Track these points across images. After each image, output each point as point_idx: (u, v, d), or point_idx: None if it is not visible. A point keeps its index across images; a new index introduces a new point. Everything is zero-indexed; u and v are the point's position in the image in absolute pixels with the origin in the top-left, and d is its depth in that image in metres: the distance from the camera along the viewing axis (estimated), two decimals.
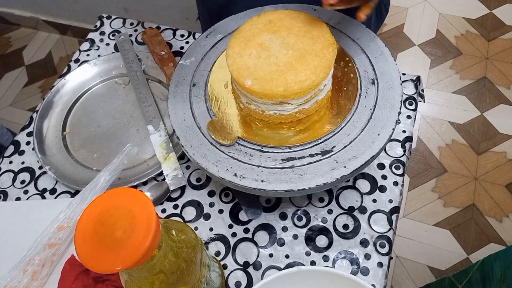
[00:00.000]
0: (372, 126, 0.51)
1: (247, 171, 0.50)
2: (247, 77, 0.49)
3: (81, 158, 0.68)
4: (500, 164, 1.48)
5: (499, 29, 1.81)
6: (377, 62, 0.56)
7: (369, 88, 0.54)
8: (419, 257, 1.33)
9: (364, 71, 0.56)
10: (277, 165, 0.50)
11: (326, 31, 0.51)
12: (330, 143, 0.51)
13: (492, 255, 0.73)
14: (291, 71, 0.49)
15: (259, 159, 0.51)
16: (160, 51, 0.75)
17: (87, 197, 0.58)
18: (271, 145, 0.52)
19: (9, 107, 1.81)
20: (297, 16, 0.53)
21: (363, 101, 0.53)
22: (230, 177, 0.50)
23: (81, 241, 0.32)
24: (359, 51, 0.58)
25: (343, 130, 0.52)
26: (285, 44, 0.51)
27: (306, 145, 0.51)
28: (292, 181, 0.49)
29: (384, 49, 0.57)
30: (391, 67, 0.55)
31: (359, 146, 0.50)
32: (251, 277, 0.56)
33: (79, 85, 0.76)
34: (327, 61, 0.49)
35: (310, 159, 0.50)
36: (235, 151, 0.52)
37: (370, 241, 0.57)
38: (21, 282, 0.54)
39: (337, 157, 0.50)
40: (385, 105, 0.52)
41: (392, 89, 0.53)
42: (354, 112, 0.53)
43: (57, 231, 0.57)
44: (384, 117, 0.52)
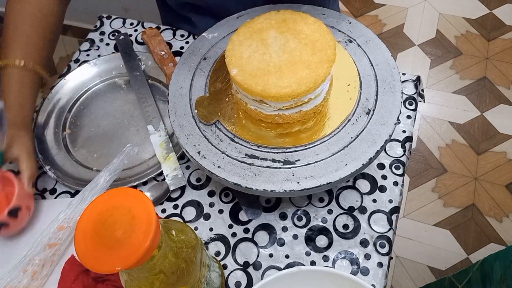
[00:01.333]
0: (344, 155, 0.50)
1: (211, 153, 0.52)
2: (235, 66, 0.50)
3: (81, 158, 0.68)
4: (500, 164, 1.48)
5: (499, 29, 1.81)
6: (383, 94, 0.54)
7: (362, 117, 0.53)
8: (419, 257, 1.33)
9: (366, 99, 0.54)
10: (239, 157, 0.51)
11: (331, 47, 0.50)
12: (296, 156, 0.51)
13: (492, 255, 0.73)
14: (276, 74, 0.48)
15: (226, 146, 0.53)
16: (160, 51, 0.75)
17: (87, 197, 0.58)
18: (242, 137, 0.53)
19: None
20: (312, 23, 0.52)
21: (348, 128, 0.52)
22: (194, 153, 0.52)
23: (81, 241, 0.32)
24: (371, 78, 0.56)
25: (314, 148, 0.51)
26: (285, 47, 0.50)
27: (273, 149, 0.52)
28: (244, 177, 0.50)
29: (397, 83, 0.54)
30: (394, 103, 0.53)
31: (321, 169, 0.49)
32: (251, 277, 0.56)
33: (79, 85, 0.76)
34: (316, 76, 0.48)
35: (270, 163, 0.51)
36: (209, 132, 0.54)
37: (370, 241, 0.57)
38: (21, 282, 0.54)
39: (295, 171, 0.50)
40: (368, 139, 0.51)
41: (384, 125, 0.51)
42: (334, 135, 0.52)
43: (57, 231, 0.57)
44: (360, 150, 0.50)
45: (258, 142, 0.53)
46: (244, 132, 0.54)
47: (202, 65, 0.60)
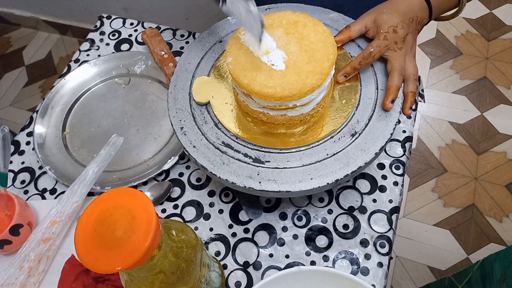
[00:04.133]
0: (312, 169, 0.49)
1: (192, 132, 0.53)
2: (232, 55, 0.50)
3: (81, 158, 0.68)
4: (500, 164, 1.48)
5: (499, 29, 1.81)
6: (376, 120, 0.52)
7: (345, 137, 0.51)
8: (419, 257, 1.33)
9: (357, 121, 0.52)
10: (215, 143, 0.52)
11: (329, 60, 0.49)
12: (267, 157, 0.51)
13: (492, 255, 0.73)
14: (266, 72, 0.48)
15: (208, 130, 0.54)
16: (160, 51, 0.75)
17: (77, 190, 0.59)
18: (225, 125, 0.54)
19: (9, 107, 1.81)
20: (321, 32, 0.51)
21: (328, 144, 0.51)
22: (177, 127, 0.54)
23: (81, 241, 0.32)
24: (371, 101, 0.53)
25: (287, 154, 0.51)
26: (284, 49, 0.50)
27: (249, 144, 0.52)
28: (213, 163, 0.51)
29: (395, 113, 0.52)
30: (383, 133, 0.50)
31: (286, 176, 0.49)
32: (251, 277, 0.56)
33: (79, 85, 0.76)
34: (303, 84, 0.47)
35: (242, 157, 0.51)
36: (198, 111, 0.55)
37: (370, 241, 0.57)
38: (18, 279, 0.54)
39: (261, 171, 0.50)
40: (342, 160, 0.49)
41: (363, 151, 0.50)
42: (311, 147, 0.51)
43: (50, 225, 0.57)
44: (330, 169, 0.49)
45: (238, 134, 0.53)
46: (230, 121, 0.54)
47: (216, 47, 0.60)
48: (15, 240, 0.56)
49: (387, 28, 0.53)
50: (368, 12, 0.56)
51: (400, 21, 0.54)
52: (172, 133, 0.69)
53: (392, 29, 0.53)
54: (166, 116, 0.70)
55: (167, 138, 0.68)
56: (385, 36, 0.53)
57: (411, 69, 0.55)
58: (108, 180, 0.64)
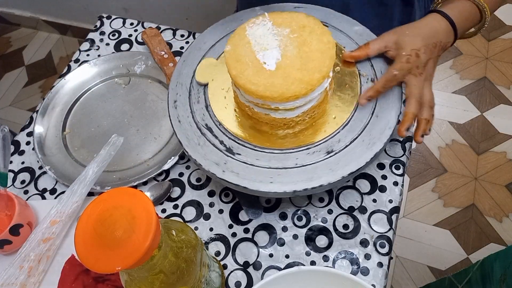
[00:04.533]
0: (275, 173, 0.50)
1: (182, 107, 0.56)
2: (231, 44, 0.51)
3: (81, 158, 0.68)
4: (500, 164, 1.48)
5: (499, 29, 1.81)
6: (357, 146, 0.51)
7: (320, 152, 0.51)
8: (419, 257, 1.33)
9: (338, 140, 0.51)
10: (199, 123, 0.54)
11: (321, 72, 0.47)
12: (240, 150, 0.52)
13: (492, 255, 0.73)
14: (255, 69, 0.48)
15: (197, 110, 0.56)
16: (160, 51, 0.75)
17: (77, 190, 0.59)
18: (213, 110, 0.55)
19: (9, 107, 1.81)
20: (325, 43, 0.49)
21: (301, 155, 0.51)
22: (171, 100, 0.57)
23: (81, 241, 0.32)
24: (360, 124, 0.52)
25: (258, 152, 0.51)
26: (283, 50, 0.49)
27: (228, 134, 0.53)
28: (189, 142, 0.53)
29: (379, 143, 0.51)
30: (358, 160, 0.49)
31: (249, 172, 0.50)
32: (251, 277, 0.56)
33: (79, 85, 0.76)
34: (285, 90, 0.46)
35: (218, 144, 0.53)
36: (195, 90, 0.57)
37: (370, 241, 0.57)
38: (18, 279, 0.54)
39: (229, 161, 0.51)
40: (306, 175, 0.49)
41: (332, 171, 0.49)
42: (284, 152, 0.51)
43: (50, 225, 0.57)
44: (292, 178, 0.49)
45: (221, 121, 0.54)
46: (219, 107, 0.56)
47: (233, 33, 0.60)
48: (15, 240, 0.56)
49: (409, 51, 0.52)
50: (390, 32, 0.55)
51: (423, 45, 0.52)
52: (172, 133, 0.69)
53: (415, 52, 0.52)
54: (166, 116, 0.70)
55: (167, 138, 0.68)
56: (407, 59, 0.52)
57: (428, 96, 0.53)
58: (108, 180, 0.64)
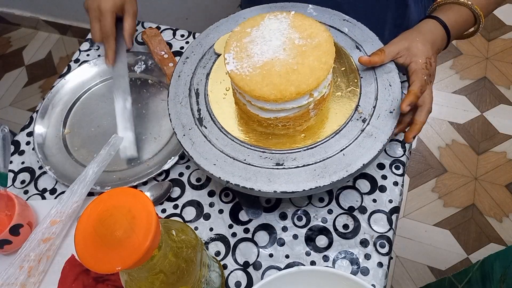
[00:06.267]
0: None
1: (180, 90, 0.57)
2: (233, 37, 0.51)
3: (81, 158, 0.68)
4: (500, 164, 1.48)
5: (499, 29, 1.81)
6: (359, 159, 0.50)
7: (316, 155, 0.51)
8: (419, 257, 1.33)
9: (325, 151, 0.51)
10: (195, 110, 0.56)
11: (318, 78, 0.47)
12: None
13: (492, 255, 0.73)
14: (243, 56, 0.49)
15: (197, 91, 0.58)
16: (160, 51, 0.75)
17: (77, 190, 0.59)
18: (208, 94, 0.57)
19: (9, 107, 1.81)
20: (323, 63, 0.48)
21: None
22: (175, 76, 0.58)
23: (81, 241, 0.32)
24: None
25: (251, 151, 0.52)
26: (280, 50, 0.49)
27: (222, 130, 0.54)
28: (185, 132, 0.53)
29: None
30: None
31: (239, 170, 0.50)
32: (251, 277, 0.56)
33: (79, 85, 0.76)
34: (277, 92, 0.47)
35: (214, 140, 0.53)
36: (199, 74, 0.59)
37: (370, 241, 0.57)
38: (18, 279, 0.54)
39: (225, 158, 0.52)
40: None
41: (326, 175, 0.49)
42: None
43: (50, 225, 0.57)
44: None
45: (214, 108, 0.55)
46: (219, 96, 0.57)
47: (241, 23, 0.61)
48: (15, 240, 0.56)
49: (425, 59, 0.53)
50: (401, 38, 0.56)
51: (433, 53, 0.54)
52: (172, 133, 0.68)
53: (429, 61, 0.53)
54: (166, 116, 0.70)
55: (167, 138, 0.68)
56: (426, 67, 0.53)
57: (429, 100, 0.54)
58: (108, 180, 0.64)
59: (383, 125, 0.52)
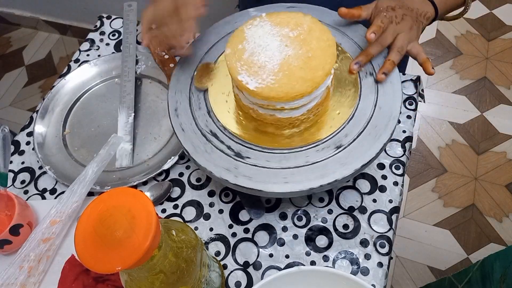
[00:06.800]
0: (289, 173, 0.49)
1: (185, 115, 0.55)
2: (231, 46, 0.50)
3: (81, 158, 0.68)
4: (500, 164, 1.48)
5: (499, 29, 1.81)
6: (364, 138, 0.51)
7: (330, 148, 0.51)
8: (419, 257, 1.33)
9: (345, 135, 0.51)
10: (203, 130, 0.54)
11: (324, 69, 0.48)
12: (249, 153, 0.52)
13: (492, 255, 0.73)
14: (257, 69, 0.48)
15: (200, 116, 0.55)
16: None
17: (76, 189, 0.59)
18: (216, 115, 0.55)
19: (9, 107, 1.81)
20: (325, 40, 0.49)
21: (311, 152, 0.51)
22: (172, 108, 0.56)
23: (81, 241, 0.32)
24: (365, 117, 0.53)
25: (268, 154, 0.51)
26: (283, 50, 0.49)
27: (234, 138, 0.53)
28: (196, 149, 0.52)
29: (386, 134, 0.51)
30: (368, 152, 0.50)
31: (261, 175, 0.50)
32: (251, 277, 0.56)
33: (79, 85, 0.76)
34: (289, 89, 0.47)
35: (225, 149, 0.52)
36: (195, 96, 0.57)
37: (370, 241, 0.57)
38: (17, 279, 0.54)
39: (239, 165, 0.51)
40: (319, 171, 0.49)
41: (343, 166, 0.49)
42: (292, 151, 0.51)
43: (50, 225, 0.57)
44: (304, 177, 0.49)
45: (226, 125, 0.54)
46: (221, 111, 0.55)
47: (229, 37, 0.60)
48: (15, 240, 0.56)
49: (386, 6, 0.57)
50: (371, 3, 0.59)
51: (397, 3, 0.57)
52: (172, 133, 0.69)
53: (390, 7, 0.56)
54: (166, 116, 0.70)
55: (167, 138, 0.68)
56: (385, 14, 0.56)
57: (400, 41, 0.56)
58: (108, 180, 0.64)
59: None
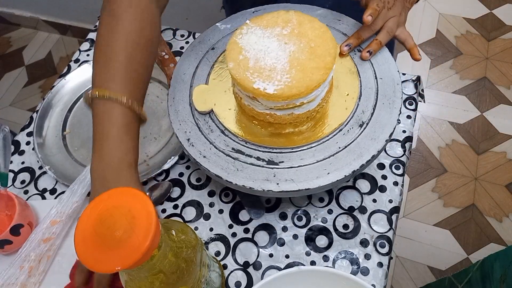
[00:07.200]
0: (327, 163, 0.50)
1: (199, 142, 0.53)
2: (233, 60, 0.50)
3: (81, 158, 0.68)
4: (500, 164, 1.48)
5: (499, 29, 1.81)
6: (380, 109, 0.52)
7: (354, 128, 0.52)
8: (419, 257, 1.33)
9: (362, 111, 0.53)
10: (225, 150, 0.52)
11: (331, 55, 0.49)
12: (280, 157, 0.51)
13: (492, 255, 0.73)
14: (270, 73, 0.48)
15: (216, 138, 0.53)
16: (160, 51, 0.75)
17: (77, 190, 0.59)
18: (232, 131, 0.53)
19: (9, 107, 1.81)
20: (318, 28, 0.51)
21: (338, 137, 0.51)
22: (183, 139, 0.53)
23: (81, 241, 0.32)
24: (372, 90, 0.54)
25: (300, 152, 0.51)
26: (285, 48, 0.50)
27: (260, 148, 0.52)
28: (226, 170, 0.50)
29: (398, 100, 0.53)
30: (389, 120, 0.51)
31: (301, 174, 0.49)
32: (251, 277, 0.56)
33: (79, 85, 0.76)
34: (309, 81, 0.47)
35: (255, 161, 0.51)
36: (202, 121, 0.55)
37: (370, 241, 0.57)
38: (18, 279, 0.54)
39: (277, 172, 0.50)
40: (355, 151, 0.50)
41: (374, 140, 0.51)
42: (322, 142, 0.51)
43: (50, 225, 0.57)
44: (345, 161, 0.49)
45: (247, 138, 0.53)
46: (236, 126, 0.54)
47: (209, 55, 0.60)
48: (15, 240, 0.56)
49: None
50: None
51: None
52: (172, 133, 0.69)
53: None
54: (166, 116, 0.70)
55: (167, 138, 0.69)
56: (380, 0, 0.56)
57: (391, 23, 0.57)
58: None
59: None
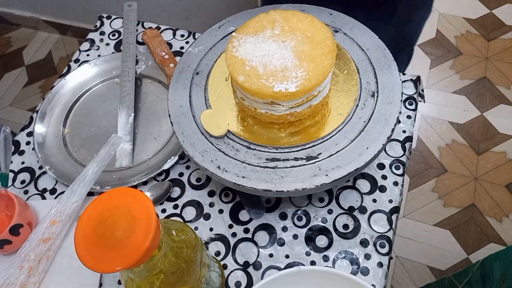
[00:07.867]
0: (362, 139, 0.51)
1: (231, 165, 0.51)
2: (241, 73, 0.49)
3: (81, 158, 0.68)
4: (500, 164, 1.48)
5: (499, 29, 1.81)
6: (381, 75, 0.55)
7: (368, 100, 0.54)
8: (419, 257, 1.33)
9: (367, 83, 0.55)
10: (260, 163, 0.51)
11: (329, 38, 0.51)
12: (316, 150, 0.51)
13: (492, 255, 0.73)
14: (284, 73, 0.48)
15: (245, 155, 0.52)
16: (160, 51, 0.75)
17: (76, 189, 0.59)
18: (258, 143, 0.52)
19: (9, 107, 1.81)
20: (304, 18, 0.53)
21: (359, 113, 0.53)
22: (213, 169, 0.51)
23: (81, 241, 0.32)
24: (365, 62, 0.57)
25: (333, 138, 0.51)
26: (285, 45, 0.50)
27: (293, 148, 0.51)
28: (272, 182, 0.49)
29: (392, 63, 0.56)
30: (395, 82, 0.54)
31: (345, 157, 0.49)
32: (251, 277, 0.56)
33: (79, 85, 0.76)
34: (323, 68, 0.48)
35: (294, 162, 0.50)
36: (223, 144, 0.53)
37: (370, 241, 0.57)
38: (18, 279, 0.54)
39: (321, 164, 0.50)
40: (380, 120, 0.52)
41: (391, 104, 0.52)
42: (347, 122, 0.52)
43: (50, 225, 0.57)
44: (376, 132, 0.51)
45: (276, 144, 0.52)
46: (258, 138, 0.53)
47: (196, 80, 0.59)
48: (15, 240, 0.56)
49: None
50: None
51: None
52: (172, 133, 0.69)
53: None
54: (166, 116, 0.70)
55: (167, 138, 0.69)
56: None
57: None
58: (108, 180, 0.64)
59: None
